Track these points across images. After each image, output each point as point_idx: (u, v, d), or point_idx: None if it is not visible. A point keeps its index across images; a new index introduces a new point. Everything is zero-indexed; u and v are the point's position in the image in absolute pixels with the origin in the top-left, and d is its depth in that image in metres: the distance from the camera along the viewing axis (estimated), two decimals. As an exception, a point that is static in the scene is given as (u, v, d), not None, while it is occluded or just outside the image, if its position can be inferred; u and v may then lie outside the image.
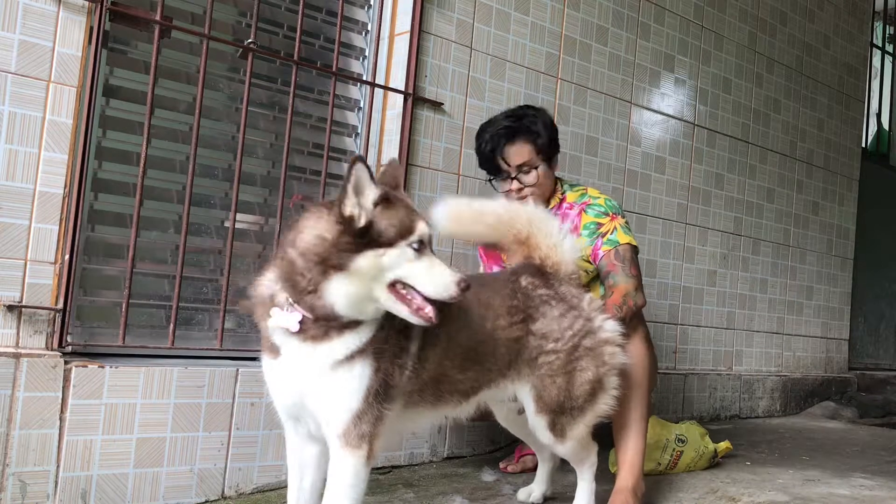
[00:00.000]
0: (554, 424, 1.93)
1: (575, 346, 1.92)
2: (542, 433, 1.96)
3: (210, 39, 2.42)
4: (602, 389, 1.96)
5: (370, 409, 1.61)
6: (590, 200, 2.50)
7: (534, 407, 1.93)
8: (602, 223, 2.43)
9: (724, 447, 2.96)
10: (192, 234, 2.45)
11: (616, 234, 2.39)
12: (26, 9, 2.06)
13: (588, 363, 1.93)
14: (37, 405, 2.00)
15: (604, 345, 1.96)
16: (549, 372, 1.90)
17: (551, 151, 2.52)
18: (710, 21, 4.11)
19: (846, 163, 5.08)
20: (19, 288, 2.05)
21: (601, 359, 1.95)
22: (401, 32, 2.89)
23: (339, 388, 1.60)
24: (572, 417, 1.94)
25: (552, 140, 2.52)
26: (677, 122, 3.94)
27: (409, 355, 1.69)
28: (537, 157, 2.47)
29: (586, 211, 2.47)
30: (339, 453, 1.62)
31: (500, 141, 2.47)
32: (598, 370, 1.94)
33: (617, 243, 2.38)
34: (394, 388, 1.66)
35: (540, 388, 1.90)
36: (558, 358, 1.90)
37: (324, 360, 1.59)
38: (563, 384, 1.90)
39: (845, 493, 2.54)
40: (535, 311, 1.91)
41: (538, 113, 2.54)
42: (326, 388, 1.61)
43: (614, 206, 2.49)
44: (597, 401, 1.96)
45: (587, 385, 1.93)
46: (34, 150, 2.07)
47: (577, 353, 1.92)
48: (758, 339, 4.44)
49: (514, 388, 1.92)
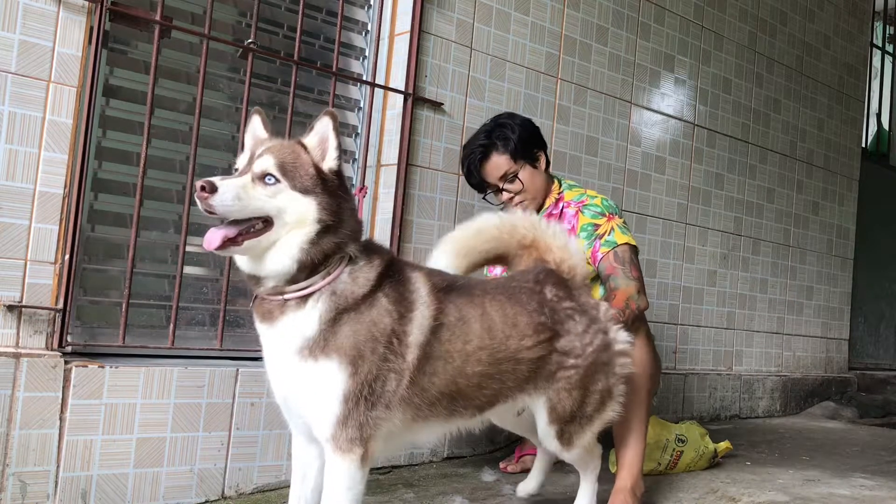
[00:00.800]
0: (562, 433, 1.92)
1: (594, 362, 1.90)
2: (550, 442, 1.95)
3: (210, 39, 2.42)
4: (610, 398, 1.95)
5: (354, 414, 1.57)
6: (587, 200, 2.50)
7: (546, 418, 1.90)
8: (599, 224, 2.42)
9: (724, 447, 2.96)
10: (192, 234, 2.45)
11: (613, 235, 2.38)
12: (26, 9, 2.06)
13: (601, 376, 1.91)
14: (37, 405, 2.00)
15: (617, 356, 1.95)
16: (567, 386, 1.87)
17: (528, 152, 2.53)
18: (710, 21, 4.11)
19: (846, 163, 5.08)
20: (19, 288, 2.05)
21: (612, 370, 1.94)
22: (401, 32, 2.89)
23: (314, 388, 1.58)
24: (580, 426, 1.93)
25: (526, 141, 2.52)
26: (677, 122, 3.94)
27: (405, 363, 1.63)
28: (514, 163, 2.51)
29: (583, 212, 2.47)
30: (332, 457, 1.60)
31: (476, 163, 2.54)
32: (609, 381, 1.93)
33: (615, 244, 2.37)
34: (386, 395, 1.61)
35: (555, 401, 1.88)
36: (577, 373, 1.87)
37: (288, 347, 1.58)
38: (578, 397, 1.89)
39: (845, 493, 2.54)
40: (561, 328, 1.87)
41: (511, 119, 2.57)
42: (302, 388, 1.59)
43: (611, 206, 2.48)
44: (605, 409, 1.95)
45: (597, 395, 1.91)
46: (34, 150, 2.07)
47: (594, 368, 1.90)
48: (758, 339, 4.44)
49: (529, 400, 1.89)
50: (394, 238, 2.77)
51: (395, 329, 1.62)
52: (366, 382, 1.58)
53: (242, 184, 1.54)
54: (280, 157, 1.57)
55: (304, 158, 1.59)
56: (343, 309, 1.59)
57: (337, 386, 1.56)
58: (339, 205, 1.60)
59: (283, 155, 1.58)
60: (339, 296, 1.59)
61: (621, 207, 3.53)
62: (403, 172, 2.81)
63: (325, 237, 1.58)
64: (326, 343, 1.57)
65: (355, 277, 1.62)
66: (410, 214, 2.85)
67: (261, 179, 1.55)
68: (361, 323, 1.59)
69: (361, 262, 1.64)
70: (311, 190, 1.57)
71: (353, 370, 1.57)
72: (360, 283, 1.61)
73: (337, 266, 1.61)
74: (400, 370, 1.62)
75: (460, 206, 2.99)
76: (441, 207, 2.94)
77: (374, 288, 1.62)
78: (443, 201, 2.95)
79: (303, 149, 1.61)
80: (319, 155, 1.61)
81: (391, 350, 1.61)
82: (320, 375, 1.57)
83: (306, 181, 1.57)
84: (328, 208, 1.57)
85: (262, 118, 1.68)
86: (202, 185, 1.49)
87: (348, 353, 1.57)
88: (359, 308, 1.60)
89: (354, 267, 1.63)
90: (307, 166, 1.58)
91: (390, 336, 1.61)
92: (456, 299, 1.74)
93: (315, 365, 1.57)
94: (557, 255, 1.99)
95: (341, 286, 1.60)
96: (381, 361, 1.60)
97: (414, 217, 2.87)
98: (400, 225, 2.80)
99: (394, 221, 2.79)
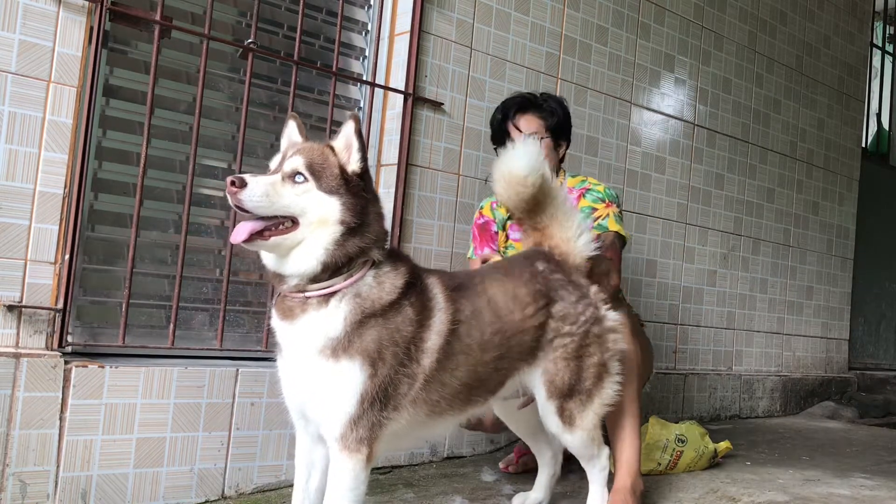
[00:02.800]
0: (563, 410, 1.94)
1: (587, 332, 1.95)
2: (551, 420, 1.96)
3: (210, 39, 2.42)
4: (607, 374, 1.99)
5: (367, 415, 1.61)
6: (590, 186, 2.59)
7: (545, 392, 1.93)
8: (597, 208, 2.51)
9: (724, 447, 2.96)
10: (192, 234, 2.45)
11: (607, 221, 2.47)
12: (26, 9, 2.06)
13: (595, 349, 1.96)
14: (37, 405, 2.00)
15: (608, 332, 2.00)
16: (564, 355, 1.92)
17: (560, 134, 2.60)
18: (710, 21, 4.11)
19: (846, 163, 5.08)
20: (19, 288, 2.05)
21: (605, 345, 1.98)
22: (401, 32, 2.89)
23: (332, 387, 1.60)
24: (581, 403, 1.95)
25: (562, 125, 2.60)
26: (677, 122, 3.94)
27: (420, 367, 1.68)
28: (546, 132, 2.56)
29: (585, 196, 2.55)
30: (338, 456, 1.62)
31: (512, 109, 2.59)
32: (604, 355, 1.97)
33: (605, 229, 2.45)
34: (397, 397, 1.65)
35: (553, 372, 1.92)
36: (573, 341, 1.92)
37: (309, 345, 1.60)
38: (575, 368, 1.93)
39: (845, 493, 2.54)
40: (556, 294, 1.93)
41: (556, 98, 2.65)
42: (319, 387, 1.61)
43: (612, 194, 2.56)
44: (603, 385, 1.98)
45: (594, 368, 1.95)
46: (34, 150, 2.07)
47: (587, 339, 1.95)
48: (758, 339, 4.44)
49: (528, 373, 1.93)
50: (394, 238, 2.78)
51: (414, 336, 1.66)
52: (382, 385, 1.62)
53: (272, 181, 1.58)
54: (309, 158, 1.62)
55: (332, 160, 1.64)
56: (370, 313, 1.63)
57: (356, 387, 1.60)
58: (364, 207, 1.64)
59: (313, 156, 1.63)
60: (364, 299, 1.63)
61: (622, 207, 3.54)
62: (403, 172, 2.81)
63: (351, 239, 1.61)
64: (351, 344, 1.60)
65: (381, 283, 1.66)
66: (410, 214, 2.86)
67: (291, 178, 1.60)
68: (387, 329, 1.63)
69: (387, 268, 1.68)
70: (336, 191, 1.61)
71: (373, 372, 1.61)
72: (388, 290, 1.65)
73: (360, 269, 1.65)
74: (414, 374, 1.67)
75: (460, 206, 2.99)
76: (441, 207, 2.94)
77: (401, 296, 1.66)
78: (443, 201, 2.95)
79: (331, 151, 1.66)
80: (346, 158, 1.65)
81: (409, 356, 1.66)
82: (340, 375, 1.59)
83: (332, 182, 1.61)
84: (352, 209, 1.61)
85: (297, 123, 1.74)
86: (232, 181, 1.53)
87: (371, 356, 1.60)
88: (386, 314, 1.64)
89: (380, 271, 1.67)
90: (333, 167, 1.63)
91: (409, 343, 1.66)
92: (466, 295, 1.80)
93: (336, 364, 1.60)
94: (555, 242, 2.03)
95: (366, 289, 1.64)
96: (398, 366, 1.64)
97: (414, 217, 2.87)
98: (400, 225, 2.80)
99: (394, 221, 2.79)
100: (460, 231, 2.98)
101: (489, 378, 1.83)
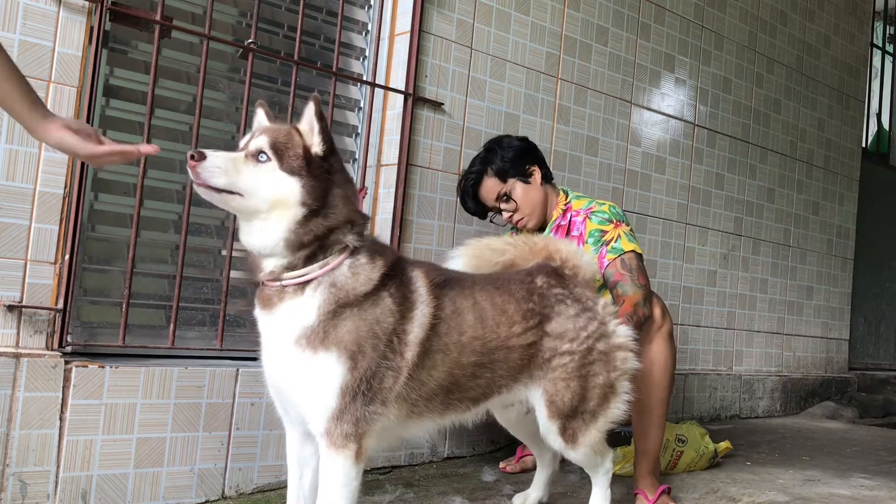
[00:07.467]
0: (565, 429, 1.89)
1: (589, 348, 1.88)
2: (553, 439, 1.92)
3: (210, 39, 2.42)
4: (614, 394, 1.93)
5: (350, 409, 1.58)
6: (595, 207, 2.53)
7: (546, 412, 1.88)
8: (606, 230, 2.45)
9: (724, 447, 2.96)
10: (192, 234, 2.45)
11: (620, 242, 2.42)
12: (26, 9, 2.06)
13: (600, 368, 1.90)
14: (37, 405, 2.00)
15: (617, 350, 1.93)
16: (564, 375, 1.86)
17: (518, 169, 2.58)
18: (710, 21, 4.11)
19: (846, 163, 5.08)
20: (19, 288, 2.05)
21: (613, 364, 1.92)
22: (401, 32, 2.89)
23: (311, 379, 1.59)
24: (584, 423, 1.90)
25: (513, 159, 2.58)
26: (677, 122, 3.94)
27: (404, 360, 1.65)
28: (504, 183, 2.58)
29: (590, 218, 2.50)
30: (326, 452, 1.60)
31: (470, 191, 2.64)
32: (610, 375, 1.91)
33: (622, 251, 2.40)
34: (383, 391, 1.62)
35: (552, 393, 1.86)
36: (573, 360, 1.86)
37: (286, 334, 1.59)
38: (577, 388, 1.87)
39: (845, 493, 2.54)
40: (551, 311, 1.88)
41: (500, 141, 2.64)
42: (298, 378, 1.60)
43: (618, 213, 2.52)
44: (609, 406, 1.92)
45: (599, 389, 1.89)
46: (34, 150, 2.07)
47: (591, 357, 1.88)
48: (758, 339, 4.44)
49: (525, 392, 1.89)
50: (394, 238, 2.78)
51: (396, 328, 1.63)
52: (364, 378, 1.59)
53: (233, 157, 1.58)
54: (274, 137, 1.61)
55: (297, 141, 1.62)
56: (344, 303, 1.60)
57: (334, 379, 1.57)
58: (327, 189, 1.62)
59: (278, 136, 1.62)
60: (339, 289, 1.60)
61: (622, 207, 3.53)
62: (403, 172, 2.81)
63: (314, 220, 1.60)
64: (326, 335, 1.57)
65: (356, 273, 1.63)
66: (410, 214, 2.86)
67: (254, 157, 1.59)
68: (364, 320, 1.60)
69: (363, 259, 1.65)
70: (297, 172, 1.59)
71: (352, 364, 1.58)
72: (362, 281, 1.62)
73: (337, 256, 1.62)
74: (398, 367, 1.64)
75: (460, 207, 2.99)
76: (441, 207, 2.94)
77: (378, 287, 1.63)
78: (443, 201, 2.95)
79: (297, 133, 1.64)
80: (311, 140, 1.64)
81: (391, 348, 1.63)
82: (318, 367, 1.57)
83: (293, 162, 1.60)
84: (312, 192, 1.59)
85: (265, 110, 1.73)
86: (192, 154, 1.53)
87: (348, 348, 1.58)
88: (361, 305, 1.61)
89: (355, 262, 1.64)
90: (297, 148, 1.61)
91: (391, 335, 1.63)
92: (450, 292, 1.76)
93: (314, 356, 1.57)
94: (565, 255, 2.02)
95: (341, 279, 1.61)
96: (380, 359, 1.61)
97: (414, 217, 2.87)
98: (400, 225, 2.80)
99: (394, 221, 2.79)
100: (460, 231, 2.98)
101: (468, 385, 1.77)
